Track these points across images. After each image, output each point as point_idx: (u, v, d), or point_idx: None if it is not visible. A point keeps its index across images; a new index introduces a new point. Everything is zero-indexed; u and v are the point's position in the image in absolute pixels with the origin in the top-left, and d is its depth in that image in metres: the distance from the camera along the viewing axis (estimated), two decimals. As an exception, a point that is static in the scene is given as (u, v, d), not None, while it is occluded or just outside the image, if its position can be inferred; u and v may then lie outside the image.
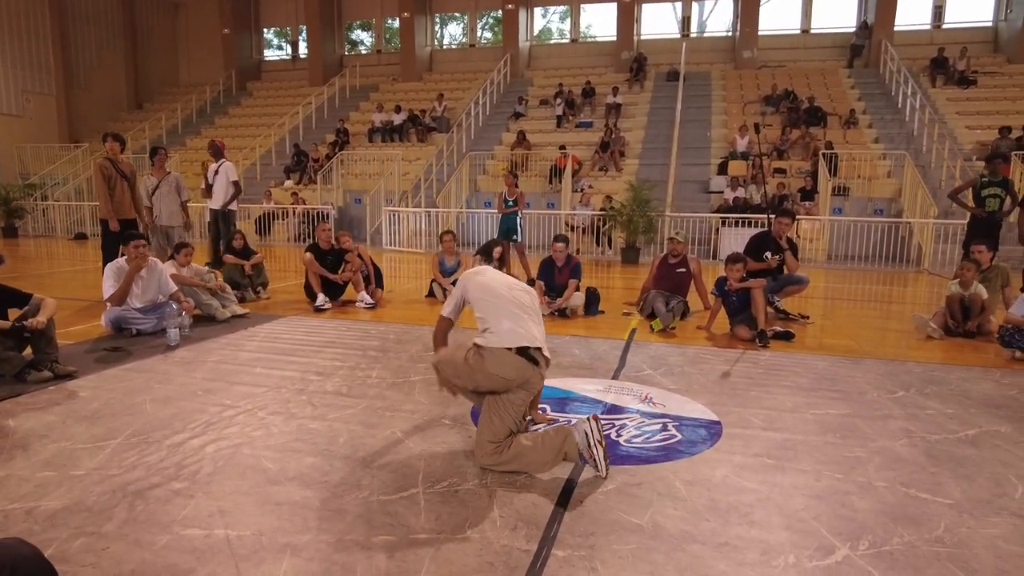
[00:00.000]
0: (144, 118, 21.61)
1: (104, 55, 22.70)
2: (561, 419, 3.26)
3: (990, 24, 18.73)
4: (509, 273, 8.17)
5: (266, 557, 1.97)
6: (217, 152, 8.27)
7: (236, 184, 8.31)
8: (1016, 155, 12.58)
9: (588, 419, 2.61)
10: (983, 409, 3.52)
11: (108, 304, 5.04)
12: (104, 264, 5.43)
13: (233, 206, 8.32)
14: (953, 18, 19.19)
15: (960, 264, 5.70)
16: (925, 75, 17.09)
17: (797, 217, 11.97)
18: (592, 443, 2.57)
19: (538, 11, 22.95)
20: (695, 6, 21.25)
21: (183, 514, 2.22)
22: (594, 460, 2.58)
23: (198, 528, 2.13)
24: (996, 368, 4.46)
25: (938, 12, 19.20)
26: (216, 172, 8.16)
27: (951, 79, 16.74)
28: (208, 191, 8.22)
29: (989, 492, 2.51)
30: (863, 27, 18.77)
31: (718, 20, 21.51)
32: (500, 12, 21.70)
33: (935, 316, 5.56)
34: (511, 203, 8.56)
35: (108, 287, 4.99)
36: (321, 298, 6.39)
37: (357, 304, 6.56)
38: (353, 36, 25.24)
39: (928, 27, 19.21)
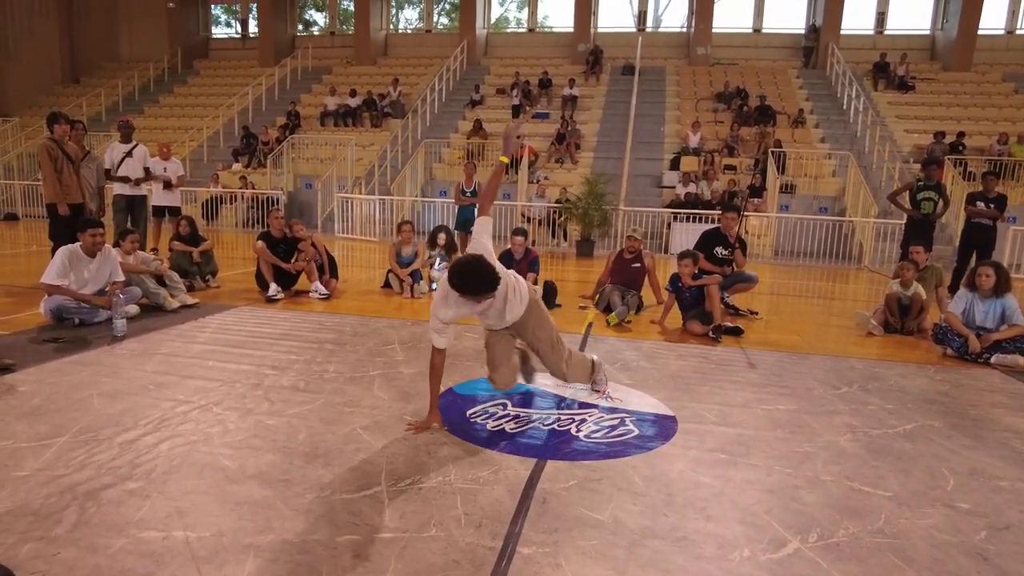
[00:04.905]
0: (81, 93, 20.55)
1: (36, 23, 21.44)
2: (534, 414, 3.29)
3: (928, 32, 19.58)
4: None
5: (228, 559, 1.94)
6: (128, 132, 7.91)
7: (147, 170, 8.04)
8: (949, 159, 13.24)
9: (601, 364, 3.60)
10: (919, 405, 3.72)
11: (44, 287, 4.80)
12: (54, 250, 5.17)
13: (142, 190, 8.03)
14: (894, 25, 20.01)
15: (900, 264, 5.98)
16: (868, 78, 17.77)
17: (746, 214, 12.39)
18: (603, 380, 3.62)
19: (496, -1, 22.82)
20: (651, 1, 21.50)
21: (139, 516, 2.16)
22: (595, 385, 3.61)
23: (155, 530, 2.08)
24: (930, 365, 4.71)
25: (881, 18, 19.95)
26: (128, 154, 7.82)
27: (892, 83, 17.45)
28: (108, 174, 7.77)
29: (924, 484, 2.66)
30: (812, 30, 19.36)
31: (673, 16, 21.92)
32: (457, -2, 21.48)
33: (875, 313, 5.82)
34: (469, 193, 8.53)
35: (52, 272, 4.76)
36: (273, 288, 6.25)
37: (311, 294, 6.45)
38: (306, 16, 24.59)
39: (871, 32, 19.95)
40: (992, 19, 18.77)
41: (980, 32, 17.95)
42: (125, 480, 2.41)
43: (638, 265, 6.37)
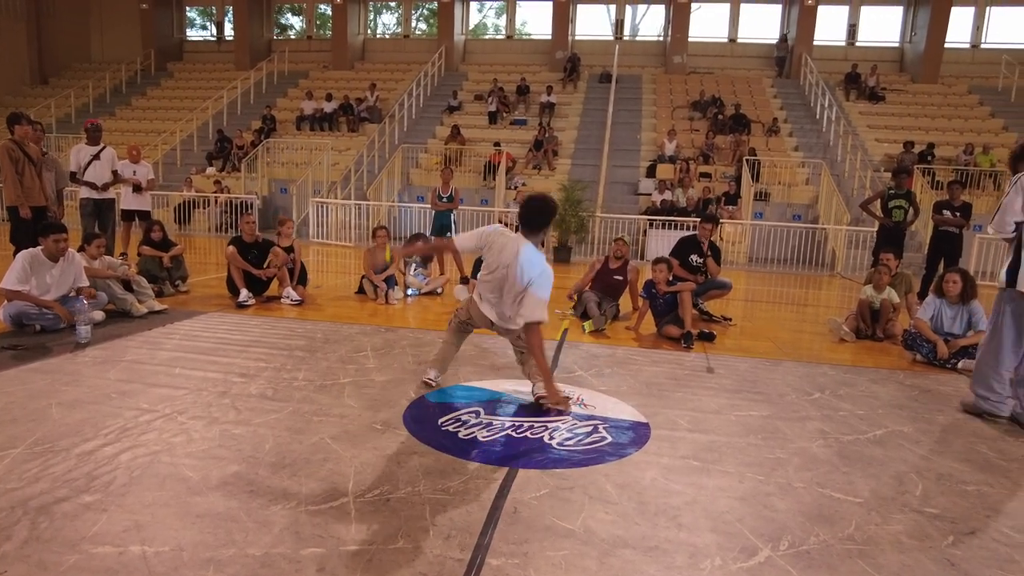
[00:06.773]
0: (50, 94, 20.12)
1: (3, 22, 20.97)
2: (507, 422, 3.26)
3: (897, 45, 20.01)
4: (441, 270, 8.19)
5: (187, 574, 1.88)
6: (96, 134, 7.74)
7: (115, 173, 7.90)
8: (917, 169, 13.51)
9: None
10: (889, 410, 3.76)
11: (4, 292, 4.65)
12: (16, 254, 5.01)
13: (110, 194, 7.88)
14: (865, 36, 20.40)
15: (875, 269, 6.07)
16: (840, 88, 18.09)
17: (720, 221, 12.52)
18: None
19: (474, 5, 22.83)
20: (628, 9, 21.67)
21: (94, 530, 2.08)
22: None
23: (111, 545, 2.00)
24: (900, 370, 4.77)
25: (852, 30, 20.34)
26: (96, 157, 7.67)
27: (863, 94, 17.79)
28: (74, 177, 7.60)
29: (893, 490, 2.68)
30: (783, 40, 19.69)
31: (650, 24, 22.02)
32: (435, 3, 21.45)
33: (847, 320, 5.89)
34: (446, 199, 8.49)
35: (12, 277, 4.60)
36: (244, 294, 6.14)
37: (282, 300, 6.35)
38: (282, 20, 24.38)
39: (843, 44, 20.32)
40: (958, 33, 19.25)
41: (947, 45, 18.40)
42: (81, 493, 2.32)
43: (620, 278, 6.32)
